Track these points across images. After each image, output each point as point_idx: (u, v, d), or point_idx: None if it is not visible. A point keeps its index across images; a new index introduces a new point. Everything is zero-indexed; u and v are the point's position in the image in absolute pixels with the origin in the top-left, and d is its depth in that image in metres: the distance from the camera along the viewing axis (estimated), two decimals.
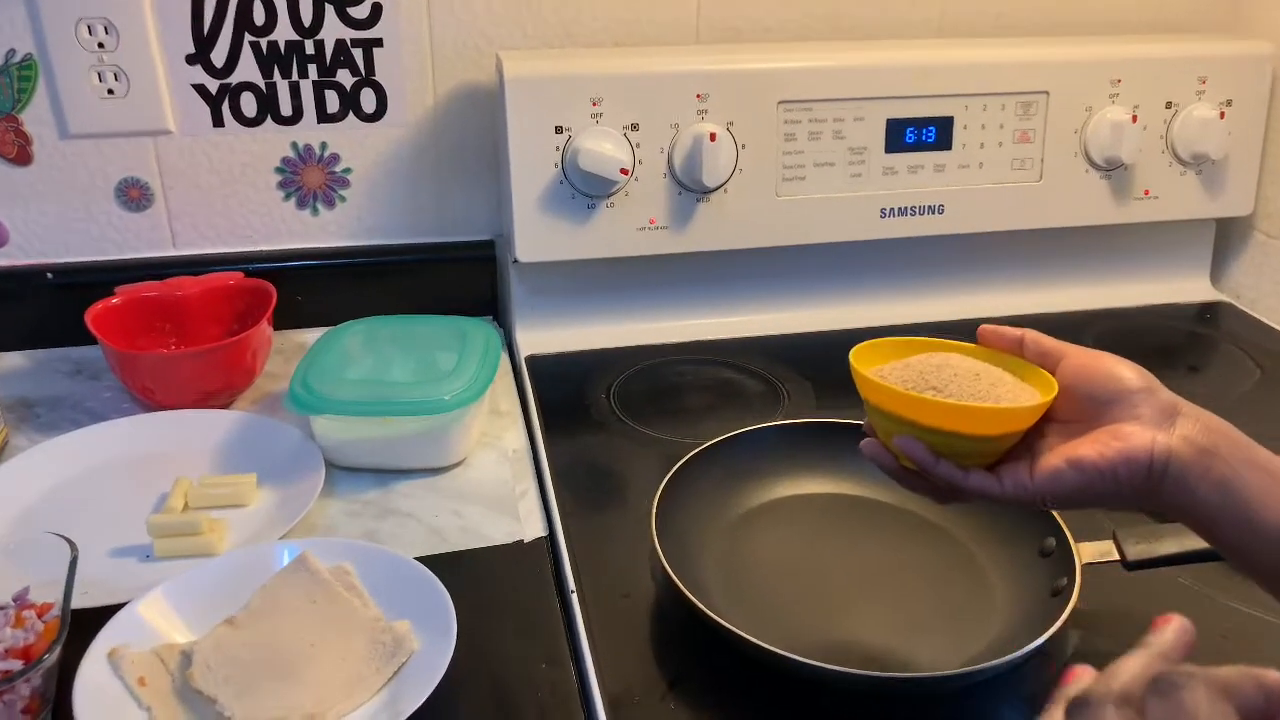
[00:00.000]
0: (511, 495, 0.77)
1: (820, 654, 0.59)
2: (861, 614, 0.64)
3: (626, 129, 0.90)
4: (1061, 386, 0.54)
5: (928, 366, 0.56)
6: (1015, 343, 0.58)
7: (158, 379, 0.84)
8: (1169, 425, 0.51)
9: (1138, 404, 0.51)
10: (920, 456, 0.54)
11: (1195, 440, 0.50)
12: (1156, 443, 0.50)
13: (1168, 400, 0.52)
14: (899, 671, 0.59)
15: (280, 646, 0.60)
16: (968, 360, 0.57)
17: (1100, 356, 0.55)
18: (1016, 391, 0.55)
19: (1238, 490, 0.49)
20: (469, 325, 0.86)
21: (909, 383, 0.55)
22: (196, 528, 0.70)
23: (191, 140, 0.95)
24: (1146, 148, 1.01)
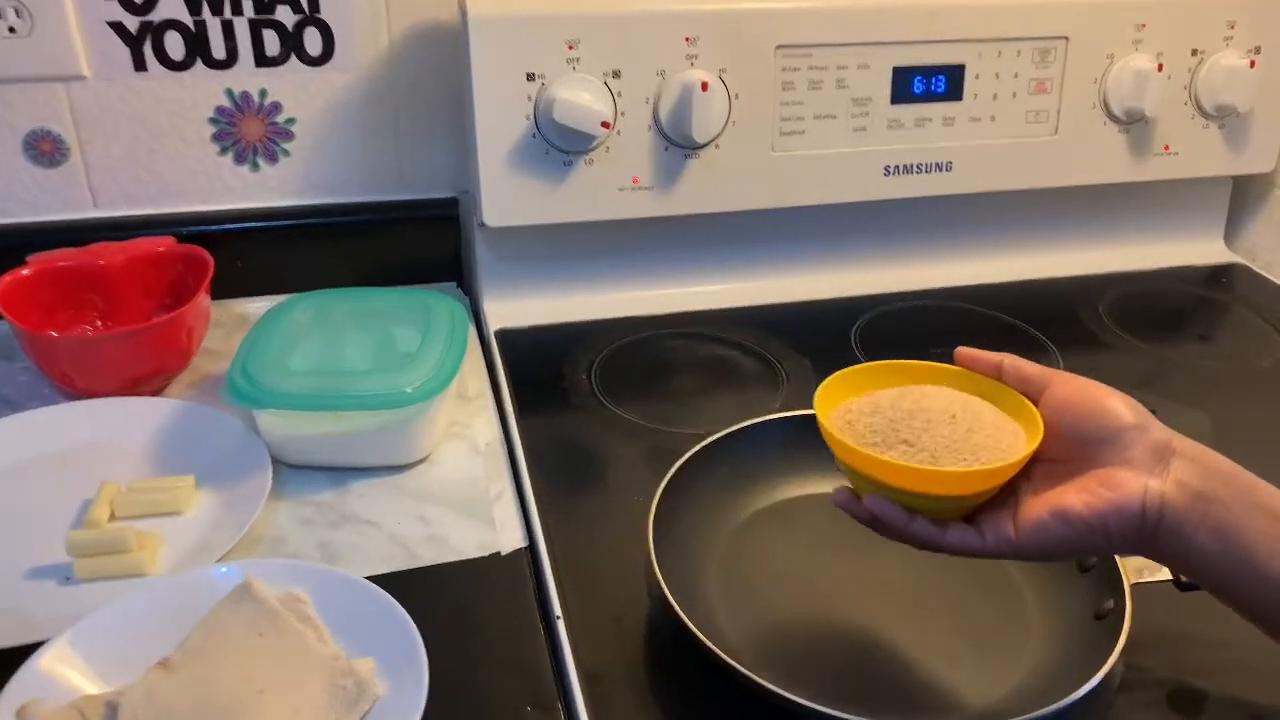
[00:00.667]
0: (485, 497, 0.68)
1: (838, 691, 0.53)
2: (882, 639, 0.57)
3: (607, 76, 0.80)
4: (1045, 422, 0.49)
5: (899, 412, 0.50)
6: (994, 369, 0.53)
7: (77, 364, 0.74)
8: (1163, 468, 0.46)
9: (1129, 444, 0.47)
10: (892, 517, 0.49)
11: (1191, 485, 0.46)
12: (1149, 491, 0.46)
13: (1161, 438, 0.47)
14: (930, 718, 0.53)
15: (222, 693, 0.51)
16: (943, 397, 0.51)
17: (1087, 388, 0.49)
18: (996, 435, 0.49)
19: (1238, 537, 0.45)
20: (432, 299, 0.77)
21: (878, 433, 0.50)
22: (124, 544, 0.61)
23: (109, 86, 0.83)
24: (1169, 99, 0.93)
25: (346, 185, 0.91)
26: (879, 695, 0.54)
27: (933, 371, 0.54)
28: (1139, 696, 0.55)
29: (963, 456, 0.48)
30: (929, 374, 0.54)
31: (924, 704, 0.54)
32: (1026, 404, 0.51)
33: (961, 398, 0.52)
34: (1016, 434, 0.50)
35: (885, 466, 0.48)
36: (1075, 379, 0.50)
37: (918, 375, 0.54)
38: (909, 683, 0.55)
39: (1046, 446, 0.49)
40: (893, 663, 0.56)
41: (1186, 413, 0.77)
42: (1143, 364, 0.87)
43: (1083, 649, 0.54)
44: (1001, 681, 0.54)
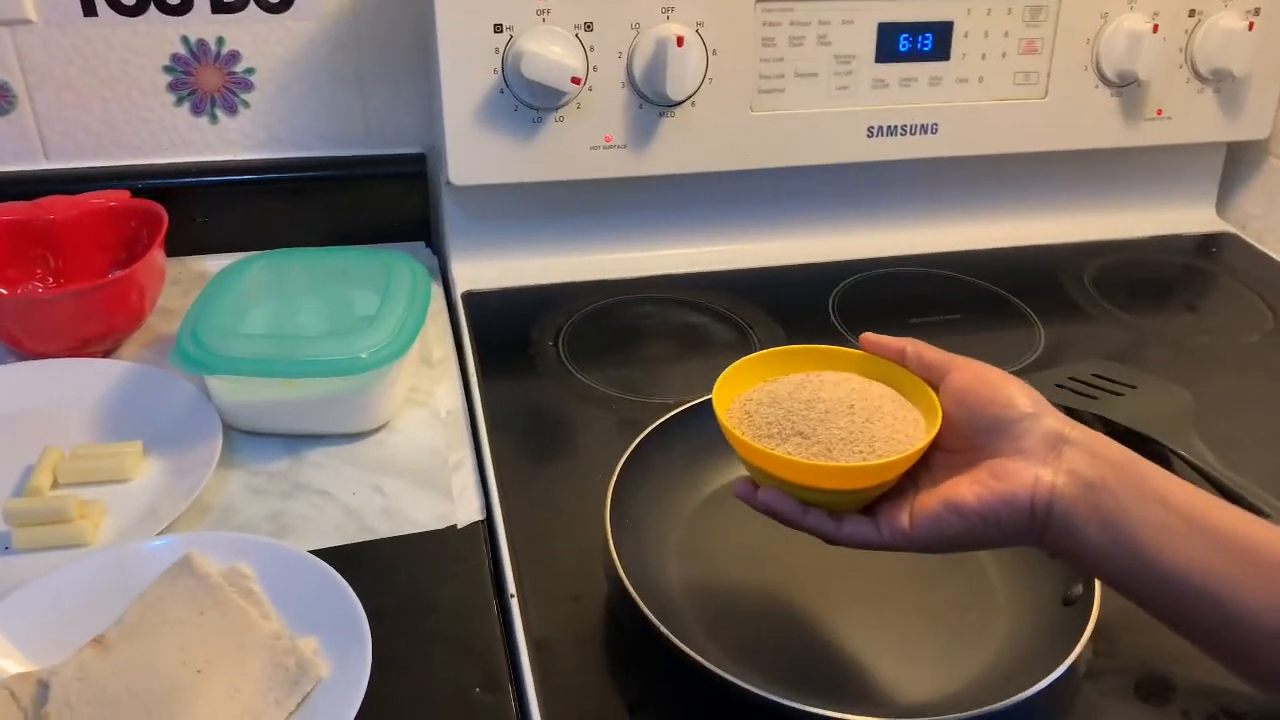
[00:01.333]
0: (443, 467, 0.66)
1: (795, 678, 0.51)
2: (844, 623, 0.55)
3: (579, 29, 0.77)
4: (944, 410, 0.48)
5: (796, 403, 0.49)
6: (898, 355, 0.51)
7: (24, 325, 0.71)
8: (1055, 458, 0.45)
9: (1021, 434, 0.46)
10: (786, 510, 0.48)
11: (1082, 474, 0.45)
12: (1039, 481, 0.45)
13: (1054, 427, 0.46)
14: (889, 707, 0.51)
15: (159, 674, 0.50)
16: (844, 386, 0.50)
17: (985, 375, 0.48)
18: (895, 425, 0.48)
19: (1126, 527, 0.44)
20: (393, 259, 0.74)
21: (774, 425, 0.48)
22: (65, 513, 0.59)
23: (59, 31, 0.79)
24: (1164, 61, 0.90)
25: (309, 139, 0.88)
26: (837, 682, 0.52)
27: (840, 357, 0.52)
28: (1107, 684, 0.53)
29: (858, 449, 0.47)
30: (836, 359, 0.52)
31: (884, 691, 0.52)
32: (929, 392, 0.49)
33: (863, 387, 0.50)
34: (917, 423, 0.49)
35: (776, 461, 0.47)
36: (973, 366, 0.48)
37: (824, 361, 0.52)
38: (869, 669, 0.53)
39: (945, 436, 0.48)
40: (853, 648, 0.54)
41: (1170, 389, 0.75)
42: (1125, 335, 0.85)
43: (1050, 636, 0.52)
44: (966, 668, 0.53)
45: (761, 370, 0.52)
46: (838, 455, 0.47)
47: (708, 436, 0.63)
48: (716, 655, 0.52)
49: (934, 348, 0.50)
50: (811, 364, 0.52)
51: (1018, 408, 0.46)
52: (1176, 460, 0.66)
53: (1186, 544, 0.43)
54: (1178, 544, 0.43)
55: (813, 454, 0.47)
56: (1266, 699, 0.52)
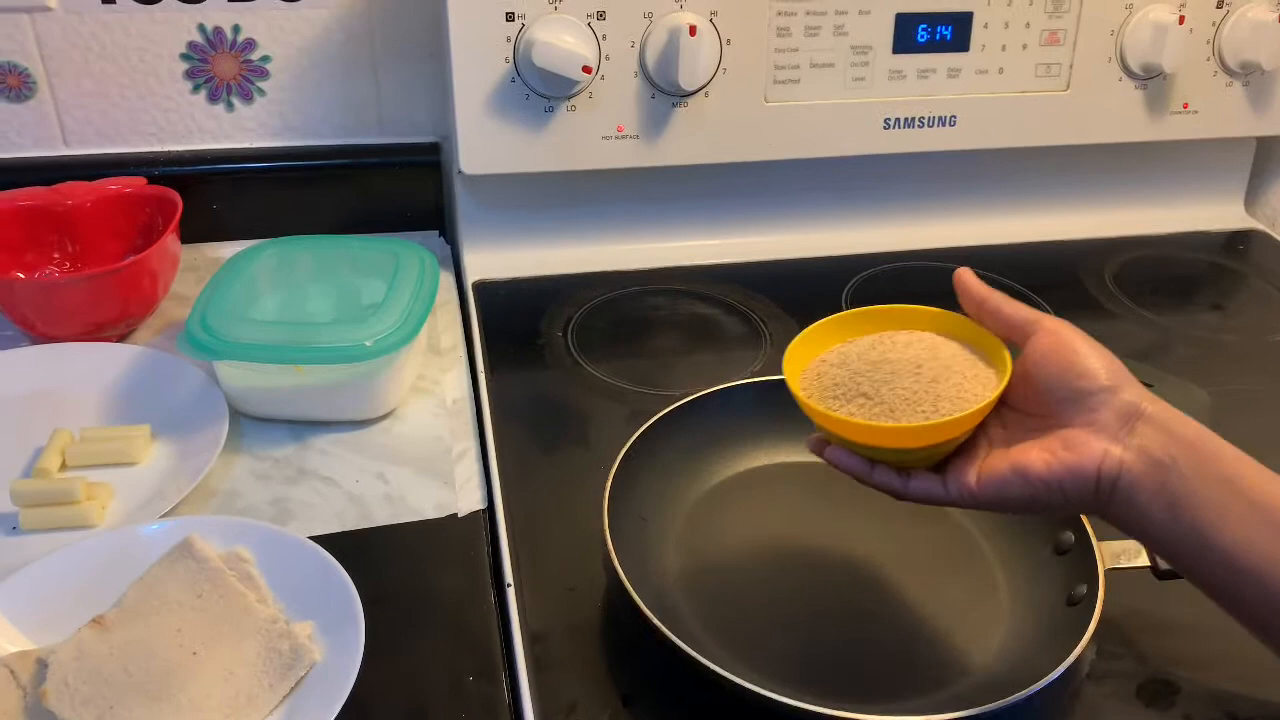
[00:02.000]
0: (447, 456, 0.66)
1: (798, 674, 0.51)
2: (844, 619, 0.55)
3: (591, 18, 0.76)
4: (1021, 372, 0.48)
5: (864, 364, 0.50)
6: (975, 304, 0.51)
7: (38, 308, 0.72)
8: (1126, 433, 0.45)
9: (1096, 407, 0.46)
10: (853, 468, 0.50)
11: (1151, 453, 0.45)
12: (1107, 456, 0.45)
13: (1130, 401, 0.46)
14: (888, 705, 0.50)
15: (156, 655, 0.50)
16: (915, 347, 0.50)
17: (1067, 342, 0.47)
18: (963, 385, 0.48)
19: (1190, 509, 0.44)
20: (402, 248, 0.74)
21: (840, 386, 0.49)
22: (72, 495, 0.60)
23: (77, 19, 0.80)
24: (1191, 54, 0.88)
25: (324, 127, 0.88)
26: (837, 679, 0.51)
27: (920, 316, 0.52)
28: (1109, 686, 0.52)
29: (922, 409, 0.47)
30: (915, 318, 0.52)
31: (884, 690, 0.51)
32: (1004, 351, 0.49)
33: (934, 347, 0.50)
34: (987, 382, 0.48)
35: (836, 422, 0.48)
36: (1058, 331, 0.48)
37: (903, 320, 0.52)
38: (869, 666, 0.52)
39: (1021, 398, 0.48)
40: (853, 645, 0.53)
41: (1185, 388, 0.73)
42: (1147, 333, 0.83)
43: (1053, 635, 0.51)
44: (967, 667, 0.52)
45: (840, 332, 0.53)
46: (900, 415, 0.47)
47: (710, 429, 0.63)
48: (712, 650, 0.52)
49: (1019, 304, 0.49)
50: (890, 324, 0.53)
51: (1095, 380, 0.46)
52: None
53: (1247, 527, 0.43)
54: (1237, 527, 0.43)
55: (875, 414, 0.48)
56: (1272, 703, 0.51)
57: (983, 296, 0.50)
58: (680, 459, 0.61)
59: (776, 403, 0.64)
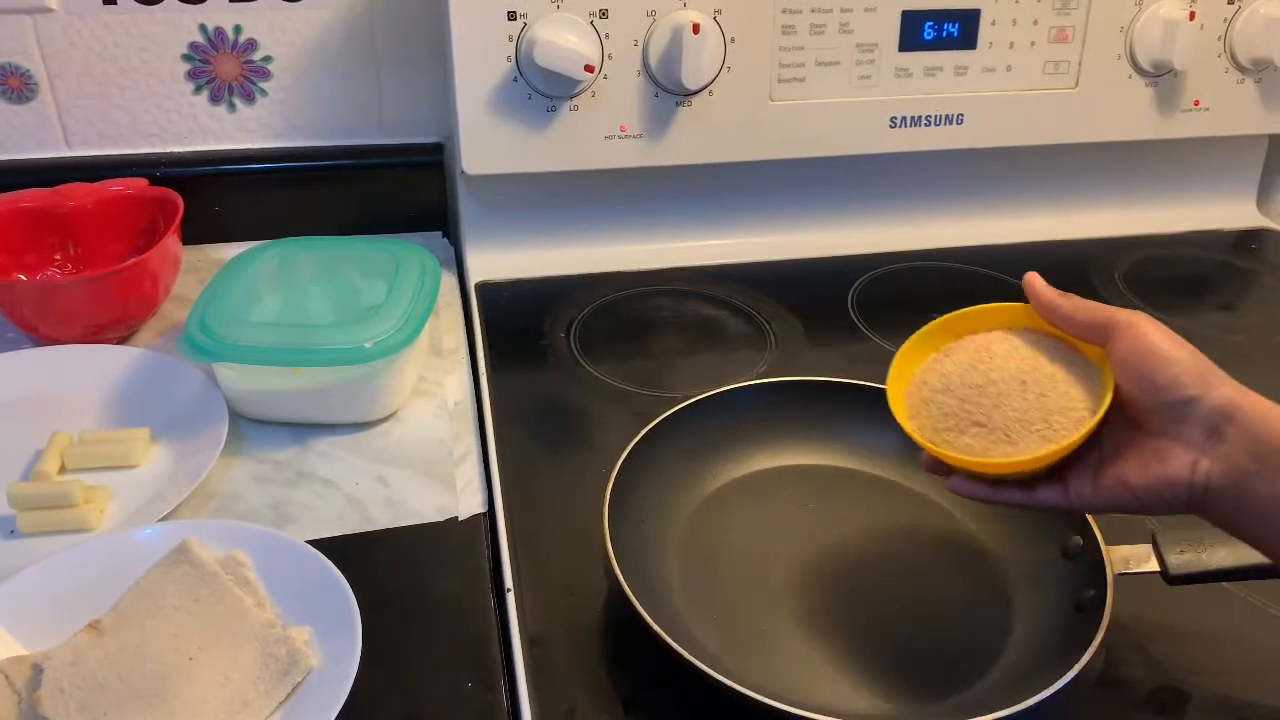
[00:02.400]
0: (448, 458, 0.66)
1: (800, 682, 0.50)
2: (849, 625, 0.54)
3: (594, 16, 0.76)
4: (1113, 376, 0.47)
5: (969, 390, 0.49)
6: (1048, 314, 0.50)
7: (38, 311, 0.72)
8: (1214, 444, 0.45)
9: (1182, 419, 0.45)
10: (980, 494, 0.51)
11: (1238, 463, 0.44)
12: (1197, 467, 0.45)
13: (1218, 406, 0.45)
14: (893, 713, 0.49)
15: (151, 660, 0.49)
16: (1014, 357, 0.50)
17: (1146, 348, 0.46)
18: (1069, 393, 0.48)
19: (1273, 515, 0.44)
20: (403, 249, 0.73)
21: (950, 417, 0.50)
22: (70, 498, 0.59)
23: (79, 20, 0.80)
24: (1202, 50, 0.87)
25: (326, 128, 0.88)
26: (841, 685, 0.51)
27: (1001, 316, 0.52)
28: (1119, 693, 0.51)
29: (1036, 427, 0.48)
30: (998, 319, 0.52)
31: (890, 696, 0.50)
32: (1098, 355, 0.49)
33: (1033, 356, 0.50)
34: (1093, 383, 0.48)
35: (959, 460, 0.49)
36: (1134, 335, 0.46)
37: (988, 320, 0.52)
38: (874, 672, 0.51)
39: (1116, 401, 0.48)
40: (858, 650, 0.52)
41: None
42: None
43: (1062, 641, 0.50)
44: (974, 672, 0.51)
45: (932, 342, 0.53)
46: (1017, 438, 0.48)
47: (712, 432, 0.62)
48: (714, 657, 0.51)
49: (1090, 306, 0.48)
50: (978, 325, 0.52)
51: (1180, 390, 0.45)
52: None
53: None
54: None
55: (992, 442, 0.48)
56: None
57: (1053, 304, 0.49)
58: (682, 462, 0.61)
59: (779, 405, 0.64)
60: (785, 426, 0.63)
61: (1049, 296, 0.50)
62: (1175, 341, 0.46)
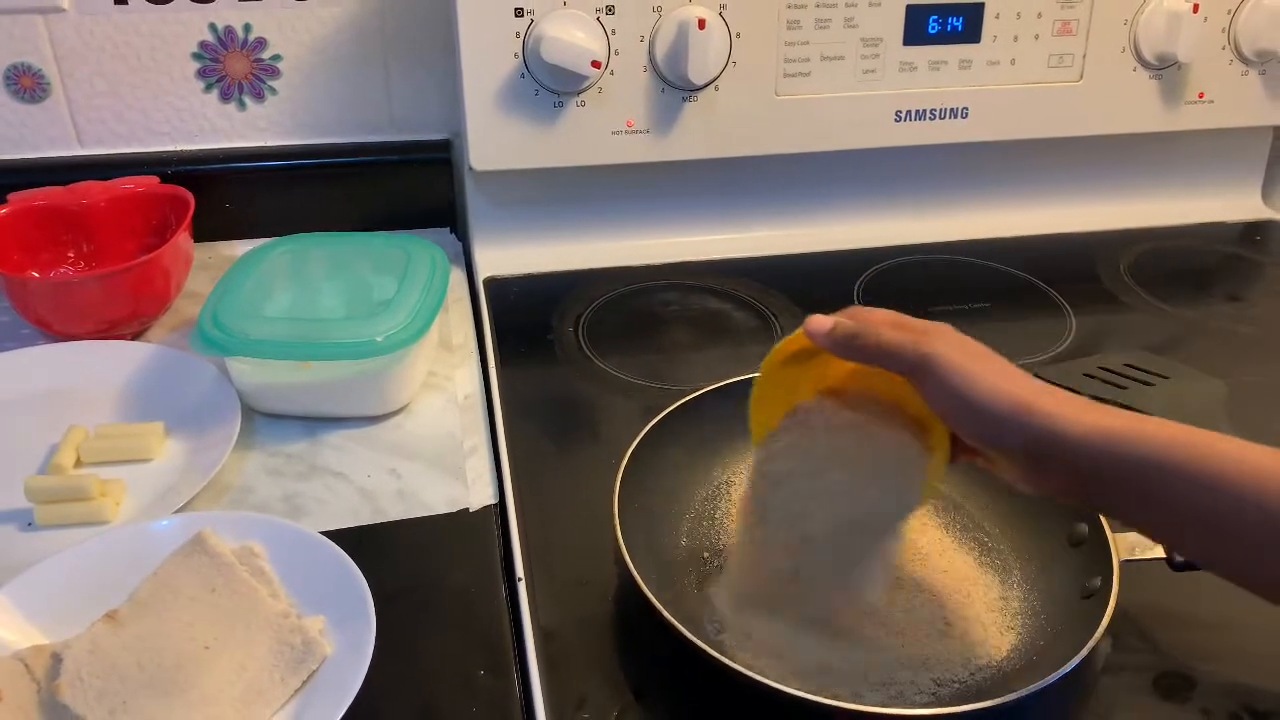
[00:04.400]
0: (458, 451, 0.66)
1: (806, 668, 0.50)
2: (860, 612, 0.54)
3: (600, 13, 0.76)
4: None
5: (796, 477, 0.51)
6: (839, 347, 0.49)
7: (52, 307, 0.73)
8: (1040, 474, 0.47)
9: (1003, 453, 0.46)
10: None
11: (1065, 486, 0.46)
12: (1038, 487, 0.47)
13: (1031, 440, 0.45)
14: (901, 698, 0.50)
15: (168, 649, 0.50)
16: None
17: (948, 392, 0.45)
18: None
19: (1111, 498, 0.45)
20: (413, 245, 0.74)
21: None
22: (85, 491, 0.60)
23: (91, 20, 0.81)
24: (1206, 42, 0.87)
25: (336, 125, 0.88)
26: (850, 672, 0.51)
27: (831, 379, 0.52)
28: (1125, 679, 0.52)
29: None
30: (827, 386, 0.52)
31: (897, 682, 0.51)
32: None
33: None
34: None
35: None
36: (930, 377, 0.45)
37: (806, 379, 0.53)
38: (882, 660, 0.52)
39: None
40: (866, 638, 0.53)
41: (1202, 379, 0.73)
42: (1162, 325, 0.82)
43: (1068, 628, 0.51)
44: (982, 659, 0.52)
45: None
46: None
47: (720, 424, 0.62)
48: (724, 645, 0.52)
49: (882, 343, 0.47)
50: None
51: (988, 431, 0.45)
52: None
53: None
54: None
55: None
56: None
57: (841, 336, 0.48)
58: (690, 453, 0.61)
59: None
60: None
61: (829, 328, 0.49)
62: (974, 375, 0.44)
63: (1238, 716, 0.50)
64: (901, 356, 0.46)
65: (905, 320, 0.49)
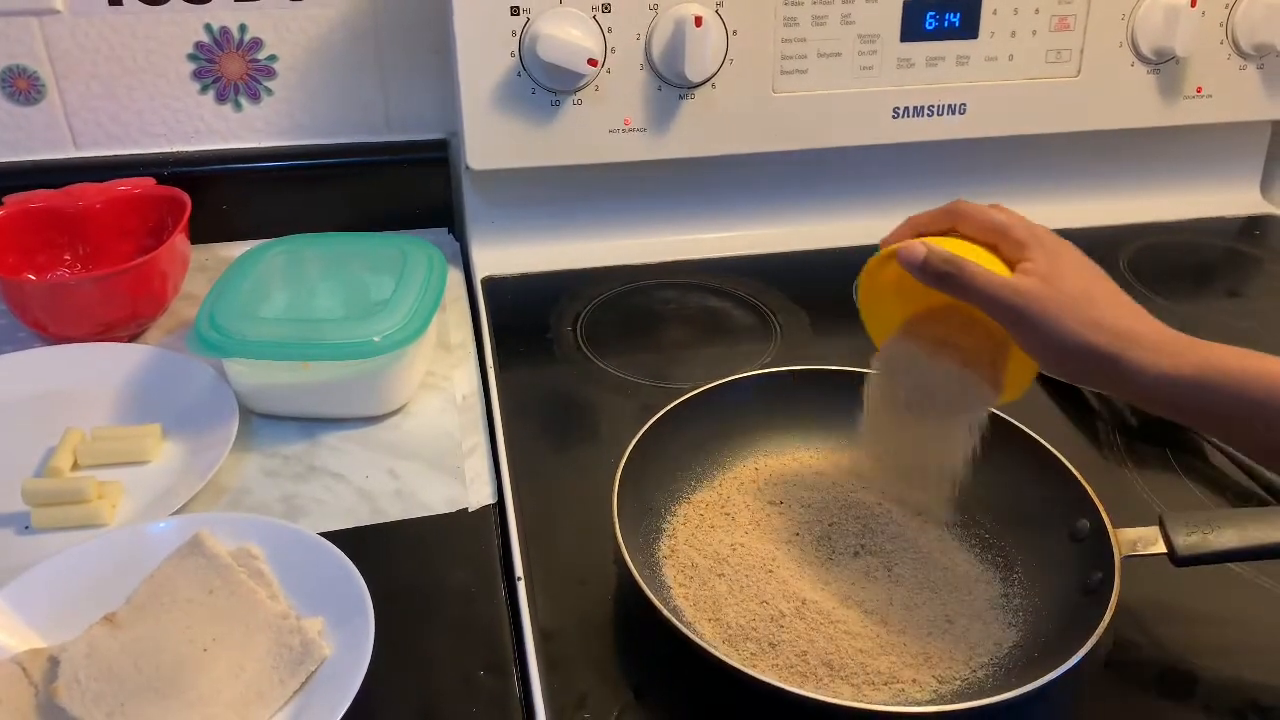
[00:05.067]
0: (457, 451, 0.66)
1: (806, 665, 0.50)
2: (857, 610, 0.54)
3: (596, 10, 0.76)
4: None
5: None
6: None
7: (49, 310, 0.72)
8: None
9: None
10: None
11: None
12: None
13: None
14: (900, 694, 0.50)
15: (166, 651, 0.50)
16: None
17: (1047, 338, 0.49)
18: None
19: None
20: (409, 245, 0.74)
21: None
22: (82, 494, 0.60)
23: (85, 21, 0.80)
24: (1204, 37, 0.87)
25: (332, 126, 0.88)
26: (851, 669, 0.51)
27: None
28: (1128, 674, 0.52)
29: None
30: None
31: (899, 679, 0.51)
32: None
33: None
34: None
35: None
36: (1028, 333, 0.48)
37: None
38: (883, 657, 0.52)
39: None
40: (866, 635, 0.53)
41: None
42: (1161, 320, 0.82)
43: (1070, 623, 0.51)
44: (984, 654, 0.52)
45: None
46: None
47: (719, 422, 0.63)
48: (721, 641, 0.51)
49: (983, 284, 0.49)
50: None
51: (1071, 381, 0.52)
52: (1208, 446, 0.64)
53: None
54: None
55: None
56: None
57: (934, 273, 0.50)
58: (689, 452, 0.61)
59: (784, 394, 0.64)
60: (791, 415, 0.64)
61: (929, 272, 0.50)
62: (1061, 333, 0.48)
63: (1241, 713, 0.50)
64: (993, 306, 0.48)
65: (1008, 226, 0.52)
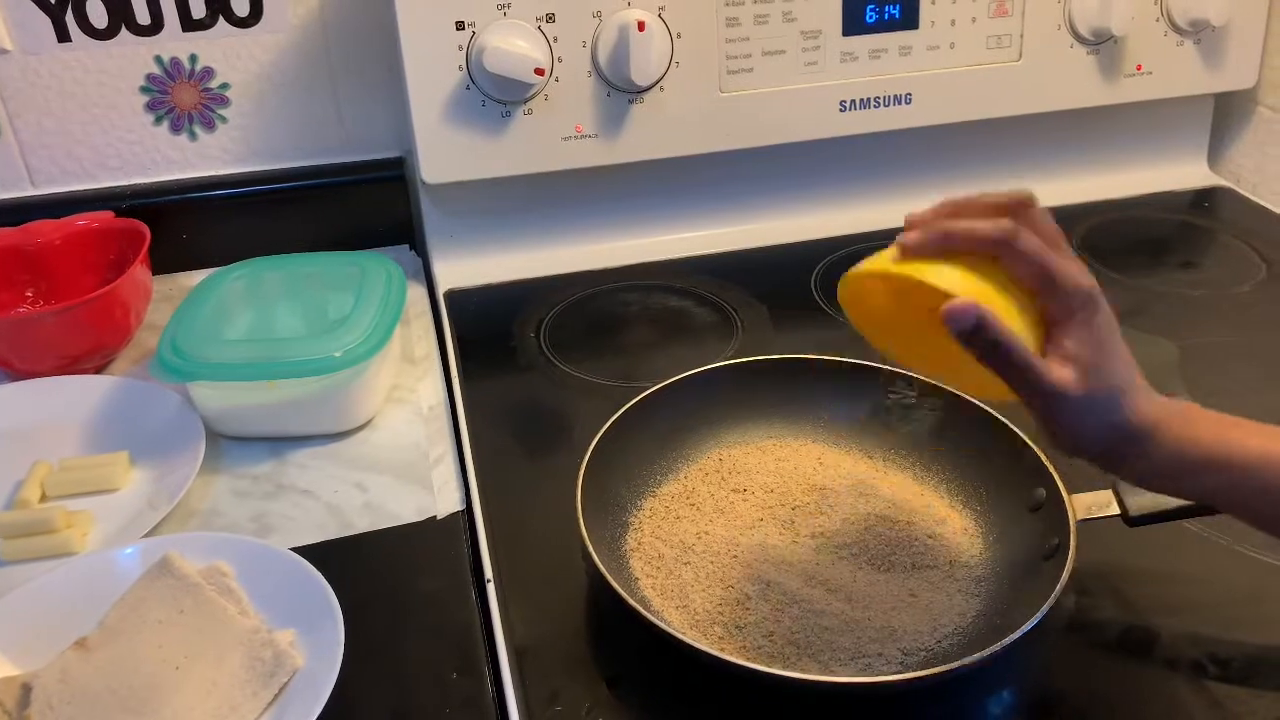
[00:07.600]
0: (424, 461, 0.67)
1: (776, 645, 0.51)
2: (822, 588, 0.55)
3: (540, 21, 0.77)
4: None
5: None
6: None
7: (12, 345, 0.72)
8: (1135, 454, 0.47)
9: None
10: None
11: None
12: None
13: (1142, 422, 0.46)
14: (868, 665, 0.51)
15: (139, 672, 0.50)
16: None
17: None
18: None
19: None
20: (367, 261, 0.74)
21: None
22: (51, 524, 0.60)
23: (35, 59, 0.81)
24: (1139, 16, 0.89)
25: (289, 150, 0.89)
26: (818, 647, 0.52)
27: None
28: (1090, 635, 0.53)
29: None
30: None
31: (866, 651, 0.51)
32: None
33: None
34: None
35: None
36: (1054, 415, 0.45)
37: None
38: (850, 631, 0.52)
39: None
40: (831, 613, 0.53)
41: (1155, 342, 0.74)
42: (1117, 295, 0.81)
43: (1031, 589, 0.52)
44: (948, 625, 0.52)
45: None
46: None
47: (682, 415, 0.63)
48: (692, 630, 0.52)
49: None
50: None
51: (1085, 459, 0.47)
52: None
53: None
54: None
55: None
56: (1246, 643, 0.52)
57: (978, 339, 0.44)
58: (653, 446, 0.62)
59: (745, 385, 0.65)
60: (752, 404, 0.65)
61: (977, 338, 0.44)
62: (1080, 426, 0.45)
63: (1200, 665, 0.51)
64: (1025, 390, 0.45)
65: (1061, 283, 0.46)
